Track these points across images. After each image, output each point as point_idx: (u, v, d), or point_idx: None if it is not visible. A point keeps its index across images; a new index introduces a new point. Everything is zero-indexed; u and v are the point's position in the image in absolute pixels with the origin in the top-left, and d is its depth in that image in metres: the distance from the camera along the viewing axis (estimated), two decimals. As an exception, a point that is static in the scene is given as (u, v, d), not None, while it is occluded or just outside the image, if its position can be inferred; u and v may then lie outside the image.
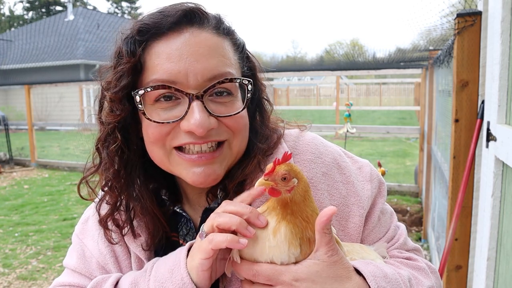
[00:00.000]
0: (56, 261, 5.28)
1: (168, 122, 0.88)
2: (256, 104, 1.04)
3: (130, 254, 1.03)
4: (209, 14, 0.93)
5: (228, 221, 0.79)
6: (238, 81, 0.91)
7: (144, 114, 0.89)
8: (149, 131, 0.90)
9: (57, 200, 8.17)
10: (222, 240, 0.78)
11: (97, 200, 1.03)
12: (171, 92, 0.87)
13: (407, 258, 1.02)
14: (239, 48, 0.97)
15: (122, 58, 0.88)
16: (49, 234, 6.24)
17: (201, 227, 0.85)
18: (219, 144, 0.92)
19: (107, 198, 1.01)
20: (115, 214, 1.00)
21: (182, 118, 0.87)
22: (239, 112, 0.92)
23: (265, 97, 1.06)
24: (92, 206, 1.11)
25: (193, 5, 0.92)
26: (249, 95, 0.93)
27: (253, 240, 0.80)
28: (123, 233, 1.00)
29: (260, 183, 0.78)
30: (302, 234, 0.81)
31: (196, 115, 0.85)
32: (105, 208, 1.01)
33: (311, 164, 1.00)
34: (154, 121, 0.88)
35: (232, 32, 0.97)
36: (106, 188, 1.00)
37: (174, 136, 0.90)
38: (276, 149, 1.00)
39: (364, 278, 0.82)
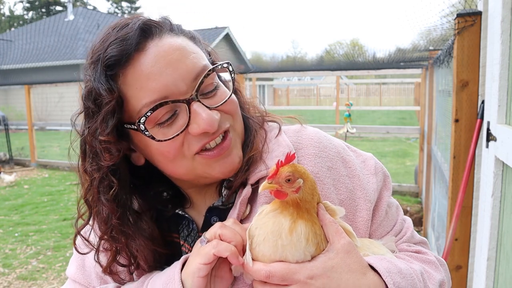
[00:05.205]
0: (56, 261, 5.28)
1: (178, 134, 0.87)
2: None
3: None
4: (159, 21, 0.92)
5: (232, 237, 0.82)
6: (219, 67, 0.93)
7: (153, 138, 0.87)
8: (165, 151, 0.89)
9: (57, 200, 8.18)
10: (226, 249, 0.79)
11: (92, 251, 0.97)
12: (171, 107, 0.86)
13: (416, 252, 1.01)
14: (195, 40, 0.97)
15: (100, 99, 0.85)
16: (49, 234, 6.24)
17: (204, 234, 0.86)
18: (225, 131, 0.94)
19: (103, 246, 0.96)
20: (118, 258, 0.96)
21: (188, 125, 0.87)
22: (231, 95, 0.94)
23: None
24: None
25: (142, 19, 0.90)
26: (233, 75, 0.96)
27: (266, 240, 0.79)
28: (131, 270, 0.97)
29: (264, 187, 0.77)
30: (321, 231, 0.81)
31: (202, 115, 0.86)
32: (104, 255, 0.97)
33: (316, 159, 0.98)
34: (165, 140, 0.87)
35: (182, 29, 0.96)
36: (105, 236, 0.93)
37: (188, 144, 0.89)
38: (278, 144, 0.99)
39: (379, 274, 0.81)
